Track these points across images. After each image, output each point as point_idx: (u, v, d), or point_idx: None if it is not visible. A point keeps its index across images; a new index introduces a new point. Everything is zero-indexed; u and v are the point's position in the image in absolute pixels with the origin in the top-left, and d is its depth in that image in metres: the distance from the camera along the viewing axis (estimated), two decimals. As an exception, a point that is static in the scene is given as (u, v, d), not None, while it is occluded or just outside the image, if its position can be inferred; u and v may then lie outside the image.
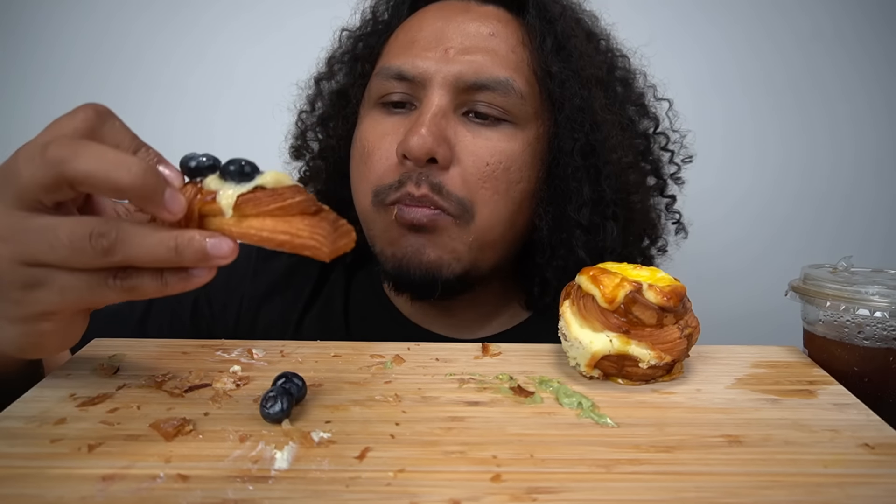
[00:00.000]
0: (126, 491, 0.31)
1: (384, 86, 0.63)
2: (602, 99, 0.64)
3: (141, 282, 0.35)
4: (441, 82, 0.60)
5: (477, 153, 0.60)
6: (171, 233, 0.34)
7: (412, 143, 0.57)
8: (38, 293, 0.35)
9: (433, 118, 0.59)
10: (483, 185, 0.60)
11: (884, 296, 0.47)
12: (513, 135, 0.62)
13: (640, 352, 0.43)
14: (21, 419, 0.38)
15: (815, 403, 0.43)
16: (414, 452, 0.35)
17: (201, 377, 0.44)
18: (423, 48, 0.62)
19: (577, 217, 0.64)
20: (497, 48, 0.62)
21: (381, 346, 0.51)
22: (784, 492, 0.33)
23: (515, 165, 0.62)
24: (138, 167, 0.33)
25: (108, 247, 0.33)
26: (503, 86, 0.60)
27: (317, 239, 0.36)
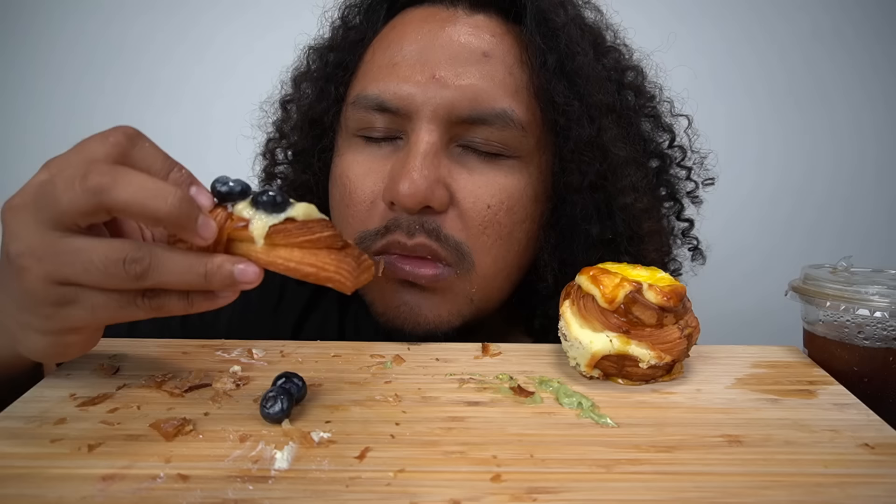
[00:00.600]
0: (126, 491, 0.31)
1: (363, 118, 0.56)
2: (614, 130, 0.57)
3: (168, 301, 0.37)
4: (430, 116, 0.53)
5: (476, 194, 0.54)
6: (201, 259, 0.36)
7: (402, 191, 0.51)
8: (69, 310, 0.36)
9: (424, 159, 0.52)
10: (484, 231, 0.54)
11: (884, 296, 0.47)
12: (513, 169, 0.55)
13: (640, 352, 0.43)
14: (21, 419, 0.38)
15: (815, 403, 0.43)
16: (414, 452, 0.35)
17: (201, 377, 0.44)
18: (406, 72, 0.54)
19: (585, 257, 0.58)
20: (493, 72, 0.54)
21: (381, 346, 0.51)
22: (784, 492, 0.33)
23: (519, 204, 0.55)
24: (174, 197, 0.34)
25: (142, 272, 0.35)
26: (501, 119, 0.53)
27: (342, 273, 0.38)
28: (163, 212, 0.34)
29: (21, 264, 0.35)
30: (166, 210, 0.34)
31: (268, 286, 0.68)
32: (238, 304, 0.67)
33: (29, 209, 0.35)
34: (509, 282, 0.59)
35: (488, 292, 0.57)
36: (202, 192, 0.37)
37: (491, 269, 0.56)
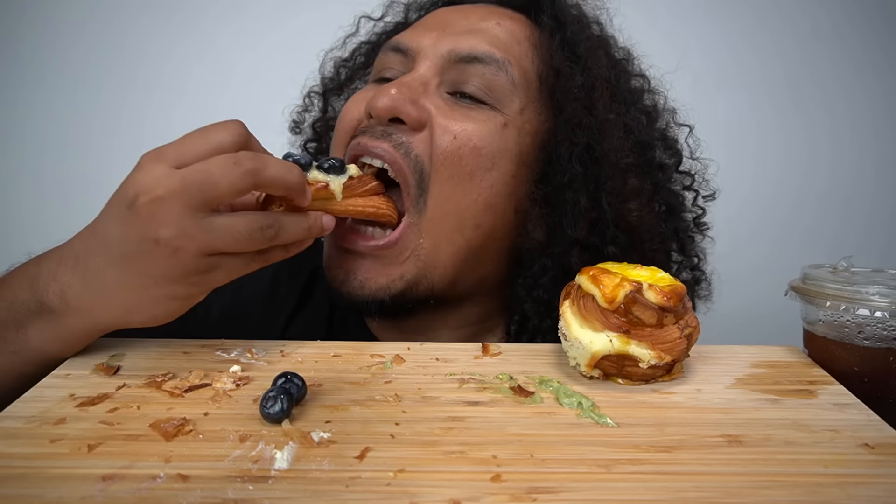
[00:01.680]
0: (126, 491, 0.31)
1: (382, 60, 0.63)
2: (607, 101, 0.60)
3: (274, 255, 0.49)
4: (431, 55, 0.59)
5: (447, 124, 0.56)
6: (304, 218, 0.49)
7: (377, 100, 0.55)
8: (213, 275, 0.46)
9: (410, 81, 0.57)
10: (444, 162, 0.55)
11: (884, 296, 0.47)
12: (493, 118, 0.58)
13: (640, 352, 0.43)
14: (21, 419, 0.38)
15: (815, 403, 0.43)
16: (414, 452, 0.35)
17: (201, 377, 0.44)
18: (424, 29, 0.62)
19: (573, 233, 0.58)
20: (499, 35, 0.60)
21: (381, 346, 0.51)
22: (784, 492, 0.33)
23: (487, 149, 0.56)
24: (297, 171, 0.48)
25: (275, 234, 0.47)
26: (497, 63, 0.58)
27: (390, 209, 0.56)
28: (293, 182, 0.47)
29: (176, 245, 0.42)
30: (295, 181, 0.47)
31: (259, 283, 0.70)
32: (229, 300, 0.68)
33: (178, 197, 0.42)
34: (463, 236, 0.57)
35: (436, 241, 0.57)
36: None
37: (442, 206, 0.56)
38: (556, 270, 0.60)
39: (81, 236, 0.47)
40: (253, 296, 0.70)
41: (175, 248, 0.43)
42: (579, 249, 0.59)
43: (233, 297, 0.68)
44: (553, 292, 0.59)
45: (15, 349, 0.46)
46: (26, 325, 0.46)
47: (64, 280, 0.45)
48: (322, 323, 0.69)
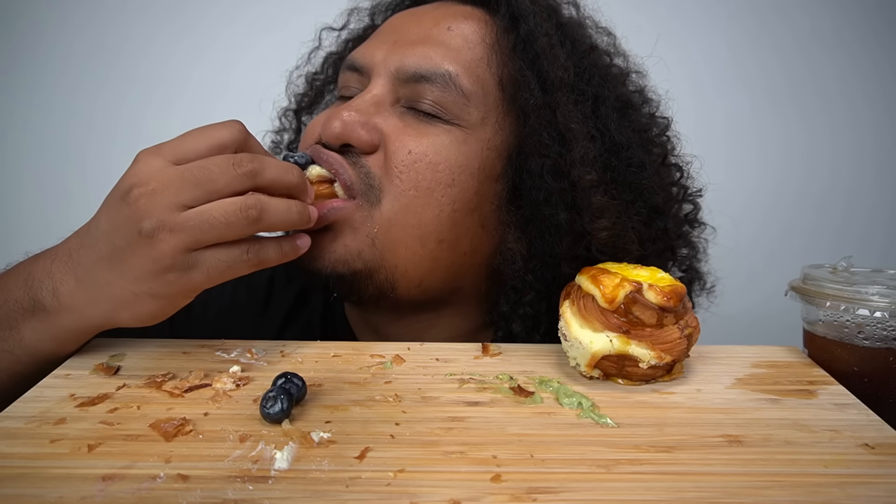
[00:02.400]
0: (126, 491, 0.31)
1: (342, 78, 0.62)
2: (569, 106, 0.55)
3: (266, 253, 0.46)
4: (383, 72, 0.57)
5: (402, 140, 0.54)
6: (293, 201, 0.47)
7: (328, 125, 0.54)
8: (190, 274, 0.43)
9: (362, 102, 0.56)
10: (399, 175, 0.54)
11: (884, 296, 0.47)
12: (451, 135, 0.55)
13: (640, 352, 0.43)
14: (21, 419, 0.38)
15: (815, 403, 0.43)
16: (414, 452, 0.35)
17: (201, 377, 0.44)
18: (377, 40, 0.60)
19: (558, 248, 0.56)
20: (450, 42, 0.57)
21: (381, 346, 0.51)
22: (784, 492, 0.33)
23: (445, 164, 0.54)
24: (297, 171, 0.48)
25: (257, 216, 0.43)
26: (443, 79, 0.55)
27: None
28: (294, 182, 0.47)
29: (156, 237, 0.42)
30: (295, 181, 0.47)
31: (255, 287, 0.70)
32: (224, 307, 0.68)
33: (171, 193, 0.42)
34: (426, 249, 0.55)
35: (392, 241, 0.55)
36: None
37: (399, 217, 0.54)
38: (541, 284, 0.57)
39: (78, 233, 0.47)
40: (247, 302, 0.70)
41: (155, 240, 0.42)
42: (567, 261, 0.56)
43: (228, 303, 0.68)
44: (537, 307, 0.58)
45: (8, 347, 0.46)
46: (20, 323, 0.46)
47: (57, 277, 0.45)
48: (317, 330, 0.69)
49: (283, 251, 0.48)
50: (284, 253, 0.48)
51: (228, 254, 0.44)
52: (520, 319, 0.58)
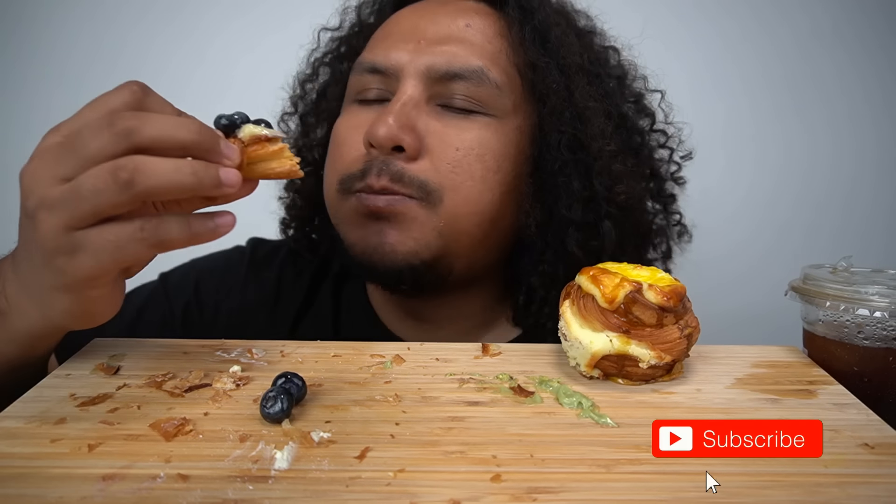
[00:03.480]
0: (126, 491, 0.31)
1: (360, 81, 0.62)
2: (585, 87, 0.61)
3: (168, 231, 0.38)
4: (413, 72, 0.59)
5: (446, 140, 0.58)
6: (185, 160, 0.37)
7: (377, 131, 0.56)
8: (78, 258, 0.37)
9: (402, 107, 0.58)
10: (453, 171, 0.58)
11: (884, 296, 0.47)
12: (487, 125, 0.60)
13: (640, 352, 0.43)
14: (21, 419, 0.38)
15: (815, 403, 0.43)
16: (414, 452, 0.35)
17: (201, 377, 0.44)
18: (396, 41, 0.61)
19: (568, 214, 0.62)
20: (472, 38, 0.60)
21: (381, 346, 0.51)
22: (784, 492, 0.33)
23: (490, 154, 0.59)
24: (195, 125, 0.38)
25: (128, 178, 0.36)
26: (476, 75, 0.58)
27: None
28: (188, 137, 0.37)
29: (36, 218, 0.37)
30: (191, 136, 0.38)
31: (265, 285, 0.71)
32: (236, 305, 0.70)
33: (48, 166, 0.37)
34: (482, 231, 0.60)
35: (457, 231, 0.59)
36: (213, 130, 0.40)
37: (461, 208, 0.58)
38: (557, 247, 0.63)
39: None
40: (258, 300, 0.71)
41: (36, 221, 0.37)
42: (575, 228, 0.62)
43: (239, 302, 0.70)
44: (555, 265, 0.63)
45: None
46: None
47: (8, 277, 0.43)
48: (329, 321, 0.70)
49: (191, 229, 0.38)
50: (194, 232, 0.39)
51: (117, 231, 0.37)
52: (539, 276, 0.64)
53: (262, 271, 0.73)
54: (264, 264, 0.73)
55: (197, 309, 0.70)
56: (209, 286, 0.71)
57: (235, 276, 0.72)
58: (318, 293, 0.72)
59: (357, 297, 0.72)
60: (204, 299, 0.70)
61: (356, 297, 0.72)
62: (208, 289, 0.71)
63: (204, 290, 0.71)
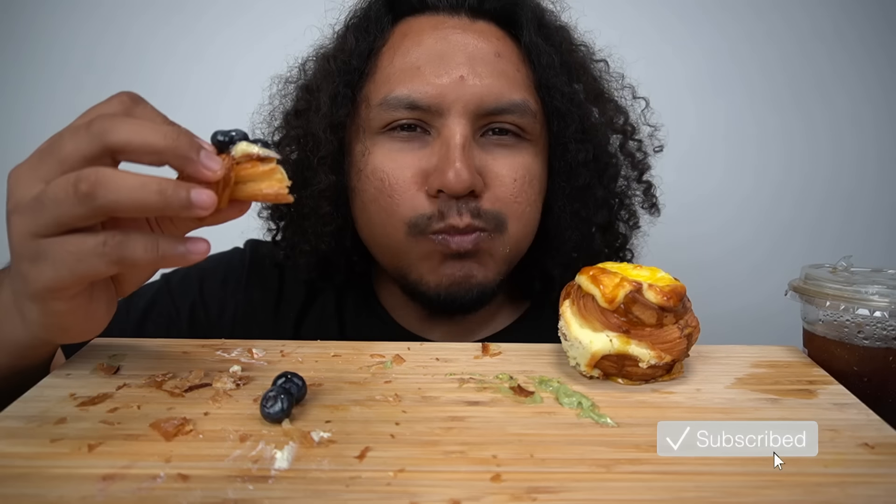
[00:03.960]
0: (126, 491, 0.31)
1: (391, 116, 0.61)
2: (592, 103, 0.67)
3: (131, 249, 0.35)
4: (461, 111, 0.59)
5: (504, 174, 0.62)
6: (155, 177, 0.35)
7: (451, 180, 0.57)
8: (40, 267, 0.36)
9: (463, 151, 0.58)
10: (515, 201, 0.62)
11: (883, 295, 0.47)
12: (528, 149, 0.64)
13: (640, 352, 0.43)
14: (21, 419, 0.38)
15: (815, 403, 0.43)
16: (414, 452, 0.35)
17: (201, 377, 0.44)
18: (432, 74, 0.60)
19: (596, 219, 0.69)
20: (506, 69, 0.62)
21: (381, 346, 0.51)
22: (784, 492, 0.33)
23: (537, 179, 0.64)
24: (171, 130, 0.36)
25: (88, 190, 0.34)
26: (521, 108, 0.61)
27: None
28: (161, 143, 0.35)
29: (10, 220, 0.36)
30: (165, 142, 0.35)
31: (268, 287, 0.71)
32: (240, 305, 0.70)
33: (30, 167, 0.37)
34: (529, 241, 0.67)
35: (518, 249, 0.66)
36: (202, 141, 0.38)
37: (522, 231, 0.64)
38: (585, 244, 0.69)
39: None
40: (261, 299, 0.72)
41: (10, 224, 0.37)
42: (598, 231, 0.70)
43: (244, 301, 0.70)
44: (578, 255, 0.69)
45: None
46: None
47: (3, 284, 0.43)
48: (334, 320, 0.71)
49: (158, 252, 0.36)
50: (161, 254, 0.36)
51: (79, 243, 0.35)
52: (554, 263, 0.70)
53: (264, 271, 0.73)
54: (265, 264, 0.74)
55: (203, 309, 0.70)
56: (213, 286, 0.72)
57: (238, 276, 0.73)
58: (320, 292, 0.73)
59: (363, 297, 0.73)
60: (209, 300, 0.71)
61: (362, 296, 0.73)
62: (212, 289, 0.71)
63: (208, 290, 0.71)
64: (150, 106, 0.39)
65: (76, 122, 0.38)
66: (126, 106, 0.38)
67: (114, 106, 0.38)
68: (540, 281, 0.72)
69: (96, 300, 0.40)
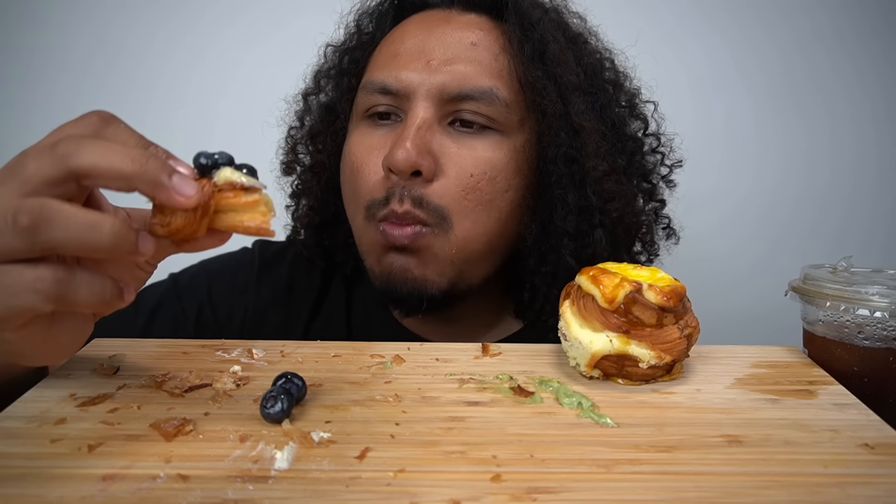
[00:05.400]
0: (126, 491, 0.31)
1: (369, 99, 0.63)
2: (580, 105, 0.63)
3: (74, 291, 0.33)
4: (425, 94, 0.60)
5: (461, 164, 0.60)
6: (106, 216, 0.33)
7: (397, 157, 0.57)
8: None
9: (417, 131, 0.59)
10: (465, 197, 0.60)
11: (884, 296, 0.47)
12: (498, 143, 0.61)
13: (640, 352, 0.43)
14: (21, 419, 0.38)
15: (815, 403, 0.43)
16: (414, 452, 0.35)
17: (201, 377, 0.44)
18: (405, 60, 0.61)
19: (563, 225, 0.64)
20: (480, 57, 0.61)
21: (381, 346, 0.51)
22: (784, 492, 0.33)
23: (502, 175, 0.61)
24: (141, 155, 0.33)
25: (29, 224, 0.31)
26: (487, 95, 0.60)
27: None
28: (128, 168, 0.33)
29: None
30: (133, 167, 0.33)
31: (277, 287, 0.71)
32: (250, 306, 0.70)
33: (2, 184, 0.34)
34: (490, 248, 0.63)
35: (468, 254, 0.62)
36: (180, 163, 0.36)
37: (470, 232, 0.61)
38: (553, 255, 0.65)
39: None
40: (271, 299, 0.72)
41: None
42: (569, 238, 0.64)
43: (254, 301, 0.70)
44: (557, 265, 0.65)
45: None
46: None
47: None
48: (343, 320, 0.72)
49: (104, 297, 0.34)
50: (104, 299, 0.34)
51: (16, 276, 0.33)
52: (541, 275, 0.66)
53: (273, 270, 0.74)
54: (274, 263, 0.74)
55: (211, 311, 0.70)
56: (222, 288, 0.72)
57: (247, 276, 0.73)
58: (329, 291, 0.74)
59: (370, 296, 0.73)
60: (217, 301, 0.71)
61: (370, 296, 0.73)
62: (221, 290, 0.72)
63: (217, 291, 0.71)
64: (123, 126, 0.37)
65: (42, 142, 0.35)
66: (96, 127, 0.36)
67: (82, 126, 0.36)
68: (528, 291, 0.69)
69: (58, 326, 0.37)
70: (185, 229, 0.36)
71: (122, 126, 0.37)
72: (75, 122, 0.36)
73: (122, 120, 0.37)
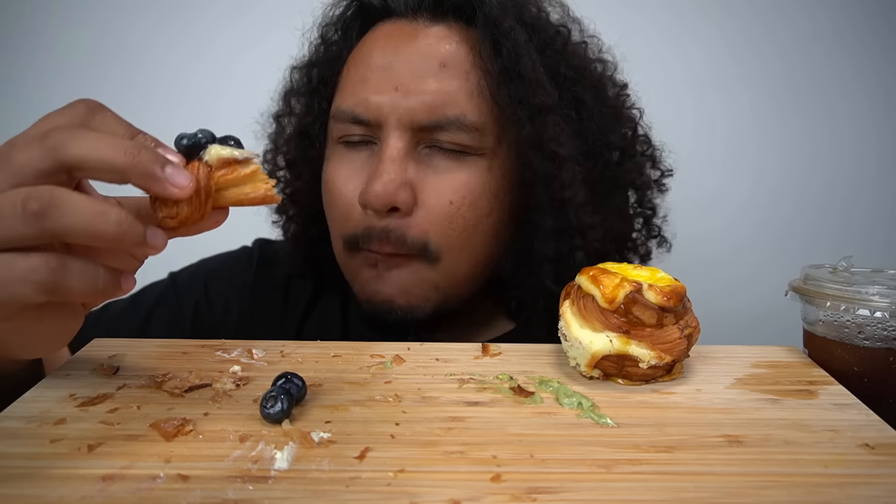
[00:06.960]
0: (126, 491, 0.31)
1: (342, 128, 0.62)
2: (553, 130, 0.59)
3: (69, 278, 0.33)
4: (396, 123, 0.58)
5: (440, 192, 0.58)
6: (114, 206, 0.33)
7: (370, 195, 0.56)
8: None
9: (391, 164, 0.57)
10: (449, 226, 0.59)
11: (884, 296, 0.46)
12: (476, 166, 0.59)
13: (640, 352, 0.43)
14: (21, 419, 0.38)
15: (815, 403, 0.43)
16: (414, 452, 0.35)
17: (201, 377, 0.44)
18: (374, 86, 0.59)
19: (542, 249, 0.62)
20: (449, 80, 0.58)
21: (381, 346, 0.51)
22: (784, 492, 0.33)
23: (483, 199, 0.59)
24: (132, 146, 0.33)
25: (39, 210, 0.31)
26: (456, 124, 0.57)
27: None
28: (120, 160, 0.33)
29: None
30: (125, 160, 0.33)
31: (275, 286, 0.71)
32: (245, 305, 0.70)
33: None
34: (476, 270, 0.63)
35: (454, 280, 0.61)
36: (169, 151, 0.36)
37: (455, 260, 0.60)
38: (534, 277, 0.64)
39: None
40: (268, 299, 0.72)
41: None
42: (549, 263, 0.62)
43: (249, 301, 0.70)
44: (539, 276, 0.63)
45: None
46: None
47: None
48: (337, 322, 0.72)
49: (98, 286, 0.34)
50: (99, 287, 0.34)
51: (9, 265, 0.32)
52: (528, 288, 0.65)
53: (271, 271, 0.74)
54: (272, 264, 0.74)
55: (207, 308, 0.71)
56: (219, 286, 0.72)
57: (244, 275, 0.73)
58: (324, 293, 0.73)
59: None
60: (214, 299, 0.71)
61: None
62: (218, 288, 0.72)
63: (213, 289, 0.72)
64: (111, 115, 0.36)
65: (30, 131, 0.35)
66: (83, 116, 0.35)
67: (69, 115, 0.35)
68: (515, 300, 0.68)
69: (49, 318, 0.37)
70: (194, 216, 0.36)
71: (110, 114, 0.36)
72: (62, 111, 0.36)
73: (109, 108, 0.37)
